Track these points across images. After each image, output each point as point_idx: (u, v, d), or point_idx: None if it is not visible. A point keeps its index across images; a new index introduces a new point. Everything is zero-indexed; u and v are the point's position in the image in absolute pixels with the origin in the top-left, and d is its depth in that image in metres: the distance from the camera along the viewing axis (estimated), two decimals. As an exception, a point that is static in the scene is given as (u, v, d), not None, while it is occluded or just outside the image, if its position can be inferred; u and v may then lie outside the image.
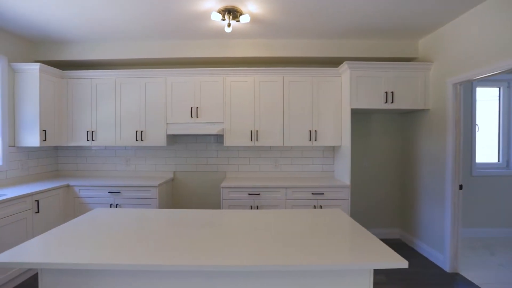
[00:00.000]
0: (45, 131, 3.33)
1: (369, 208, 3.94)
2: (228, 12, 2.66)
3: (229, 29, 2.71)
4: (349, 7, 2.67)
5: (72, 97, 3.61)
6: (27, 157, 3.46)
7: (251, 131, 3.52)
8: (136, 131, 3.56)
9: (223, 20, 2.72)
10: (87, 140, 3.60)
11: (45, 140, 3.33)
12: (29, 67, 3.24)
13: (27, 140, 3.27)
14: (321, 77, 3.51)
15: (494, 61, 2.42)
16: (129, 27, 3.13)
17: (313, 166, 3.90)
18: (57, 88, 3.54)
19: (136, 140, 3.57)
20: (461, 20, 2.82)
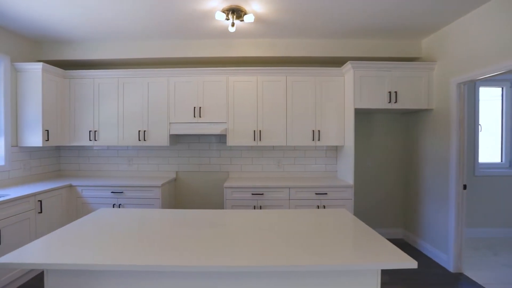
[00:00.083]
0: (47, 131, 3.32)
1: (372, 208, 3.93)
2: (232, 11, 2.65)
3: (233, 28, 2.71)
4: (353, 7, 2.67)
5: (74, 97, 3.60)
6: (29, 157, 3.45)
7: (254, 131, 3.51)
8: (139, 131, 3.56)
9: (227, 19, 2.71)
10: (90, 140, 3.59)
11: (48, 140, 3.32)
12: (31, 67, 3.23)
13: (29, 140, 3.26)
14: (325, 77, 3.50)
15: (498, 61, 2.42)
16: (131, 26, 3.12)
17: (316, 166, 3.89)
18: (59, 88, 3.53)
19: (139, 140, 3.56)
20: (464, 20, 2.82)
